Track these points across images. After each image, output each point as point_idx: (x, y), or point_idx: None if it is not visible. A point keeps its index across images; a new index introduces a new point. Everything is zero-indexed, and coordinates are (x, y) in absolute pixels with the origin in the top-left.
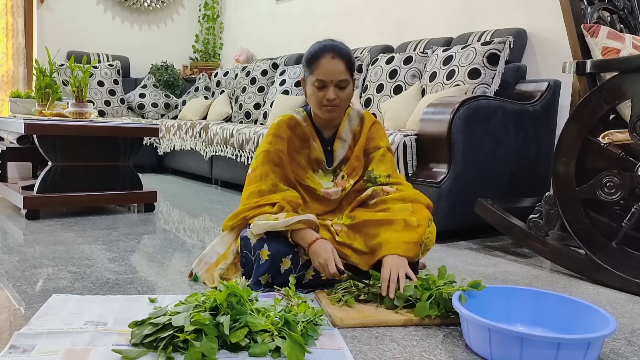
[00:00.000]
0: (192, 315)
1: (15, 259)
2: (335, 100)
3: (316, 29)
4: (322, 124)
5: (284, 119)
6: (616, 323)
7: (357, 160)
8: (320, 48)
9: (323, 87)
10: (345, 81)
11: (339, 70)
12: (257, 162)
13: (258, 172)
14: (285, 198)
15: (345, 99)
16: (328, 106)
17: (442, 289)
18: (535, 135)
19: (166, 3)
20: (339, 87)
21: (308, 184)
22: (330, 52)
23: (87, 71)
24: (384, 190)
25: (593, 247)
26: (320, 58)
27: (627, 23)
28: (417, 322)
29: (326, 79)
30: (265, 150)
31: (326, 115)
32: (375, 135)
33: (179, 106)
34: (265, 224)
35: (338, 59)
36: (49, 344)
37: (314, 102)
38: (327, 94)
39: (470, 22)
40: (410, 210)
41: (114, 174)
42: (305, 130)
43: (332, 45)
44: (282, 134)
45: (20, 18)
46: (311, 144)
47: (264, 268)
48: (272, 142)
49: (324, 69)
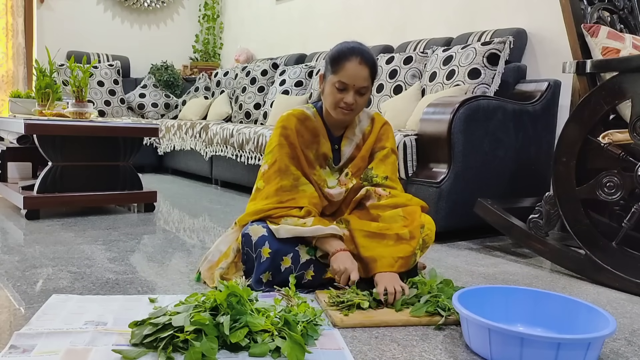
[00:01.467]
0: (192, 315)
1: (15, 259)
2: (353, 104)
3: (316, 28)
4: (332, 123)
5: (294, 112)
6: (616, 323)
7: (362, 160)
8: (349, 50)
9: (344, 89)
10: (366, 88)
11: (363, 77)
12: (273, 157)
13: (277, 167)
14: (311, 201)
15: (362, 104)
16: (345, 109)
17: (438, 296)
18: (535, 135)
19: (166, 3)
20: (359, 93)
21: (315, 180)
22: (358, 56)
23: (87, 71)
24: (376, 192)
25: (593, 247)
26: (347, 60)
27: (627, 23)
28: (417, 322)
29: (349, 82)
30: (279, 144)
31: (340, 117)
32: (384, 136)
33: (179, 106)
34: (293, 229)
35: (364, 65)
36: (49, 344)
37: (331, 102)
38: (345, 98)
39: (470, 22)
40: (402, 215)
41: (114, 174)
42: (316, 125)
43: (361, 50)
44: (291, 126)
45: (20, 18)
46: (320, 139)
47: (265, 266)
48: (283, 135)
49: (349, 73)
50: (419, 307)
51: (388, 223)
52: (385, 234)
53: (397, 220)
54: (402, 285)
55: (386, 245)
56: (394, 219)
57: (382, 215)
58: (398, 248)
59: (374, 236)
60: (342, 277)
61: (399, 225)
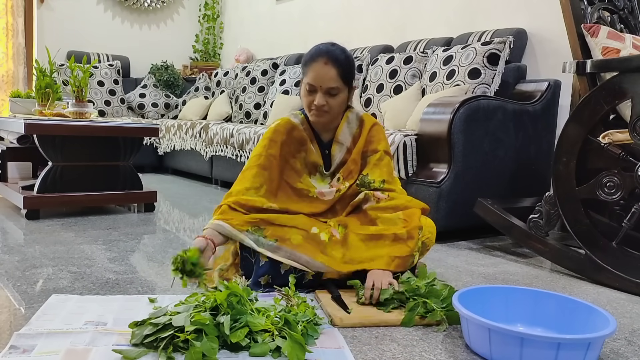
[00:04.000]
0: (193, 315)
1: (15, 259)
2: (324, 106)
3: (316, 28)
4: (319, 127)
5: (281, 122)
6: (616, 323)
7: (354, 163)
8: (315, 52)
9: (313, 91)
10: (335, 89)
11: (329, 77)
12: (248, 163)
13: (245, 174)
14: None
15: (336, 105)
16: (315, 111)
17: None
18: (535, 135)
19: (166, 3)
20: (328, 94)
21: (300, 187)
22: (324, 57)
23: (87, 71)
24: (375, 195)
25: (593, 247)
26: (314, 62)
27: (627, 23)
28: (416, 322)
29: (315, 84)
30: (257, 154)
31: (314, 119)
32: (374, 137)
33: (179, 106)
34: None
35: (331, 65)
36: (49, 344)
37: (304, 104)
38: (315, 99)
39: (470, 22)
40: (402, 218)
41: (114, 174)
42: (303, 134)
43: (327, 50)
44: (276, 138)
45: (20, 18)
46: (308, 147)
47: (264, 269)
48: (265, 146)
49: (314, 74)
50: (409, 316)
51: (387, 225)
52: (382, 234)
53: (397, 222)
54: (390, 282)
55: (383, 246)
56: (393, 221)
57: (381, 217)
58: (395, 248)
59: (372, 238)
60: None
61: (398, 227)
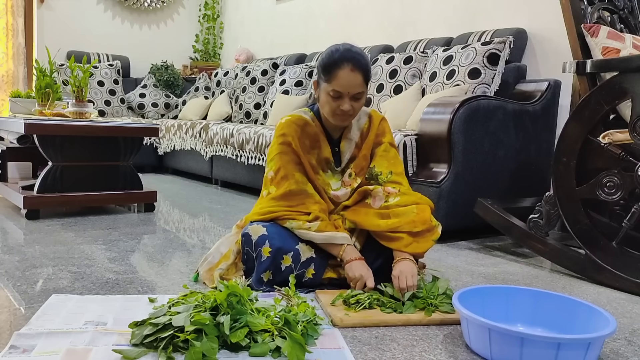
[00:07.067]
0: (193, 315)
1: (15, 259)
2: (351, 110)
3: (316, 28)
4: (330, 126)
5: (292, 118)
6: (616, 323)
7: (365, 159)
8: (340, 58)
9: (339, 97)
10: (361, 93)
11: (356, 84)
12: (276, 164)
13: (283, 174)
14: (321, 207)
15: (359, 108)
16: (341, 116)
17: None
18: (535, 135)
19: (166, 3)
20: (354, 99)
21: (319, 184)
22: (350, 64)
23: (87, 71)
24: (385, 190)
25: (593, 247)
26: (339, 69)
27: (627, 23)
28: (417, 322)
29: (343, 91)
30: (280, 152)
31: (338, 123)
32: (381, 131)
33: (179, 106)
34: (306, 234)
35: (357, 71)
36: (49, 344)
37: (328, 110)
38: (341, 105)
39: (470, 22)
40: (415, 212)
41: (114, 174)
42: (316, 130)
43: (352, 56)
44: (292, 132)
45: (20, 18)
46: (321, 143)
47: (266, 265)
48: (284, 143)
49: (342, 81)
50: (409, 305)
51: (400, 217)
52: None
53: (410, 215)
54: (414, 283)
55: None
56: (406, 214)
57: (394, 211)
58: (414, 231)
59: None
60: (357, 284)
61: (412, 216)
